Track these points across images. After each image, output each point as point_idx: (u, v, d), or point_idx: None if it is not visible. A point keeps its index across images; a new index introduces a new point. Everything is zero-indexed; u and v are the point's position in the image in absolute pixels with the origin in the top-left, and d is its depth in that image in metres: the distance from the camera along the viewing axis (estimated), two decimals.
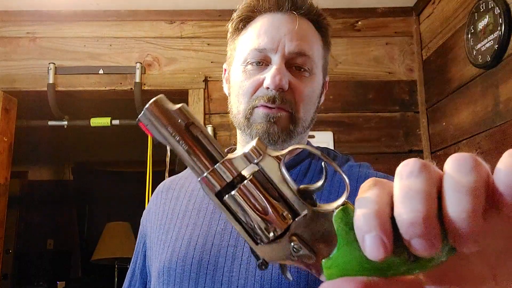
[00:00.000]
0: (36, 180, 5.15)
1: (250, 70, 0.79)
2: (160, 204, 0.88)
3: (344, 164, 0.83)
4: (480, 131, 1.81)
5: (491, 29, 1.69)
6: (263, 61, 0.78)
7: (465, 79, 1.92)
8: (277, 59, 0.76)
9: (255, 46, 0.78)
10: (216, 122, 2.29)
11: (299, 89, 0.77)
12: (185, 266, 0.72)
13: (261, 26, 0.80)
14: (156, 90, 2.38)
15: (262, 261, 0.37)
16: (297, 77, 0.78)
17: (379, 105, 2.34)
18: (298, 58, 0.78)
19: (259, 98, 0.77)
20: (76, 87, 2.36)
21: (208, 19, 2.42)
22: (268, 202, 0.37)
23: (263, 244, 0.37)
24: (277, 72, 0.75)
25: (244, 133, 0.81)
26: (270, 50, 0.77)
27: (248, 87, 0.78)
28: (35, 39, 2.42)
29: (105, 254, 3.98)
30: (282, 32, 0.77)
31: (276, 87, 0.75)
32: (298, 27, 0.78)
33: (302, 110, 0.78)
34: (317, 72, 0.81)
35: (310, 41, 0.80)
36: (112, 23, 2.44)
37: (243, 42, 0.82)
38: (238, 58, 0.82)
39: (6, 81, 2.34)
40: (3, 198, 2.36)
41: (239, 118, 0.81)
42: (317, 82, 0.82)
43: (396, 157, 2.27)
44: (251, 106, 0.78)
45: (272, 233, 0.37)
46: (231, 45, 0.87)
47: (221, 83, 2.41)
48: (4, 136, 2.37)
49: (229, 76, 0.87)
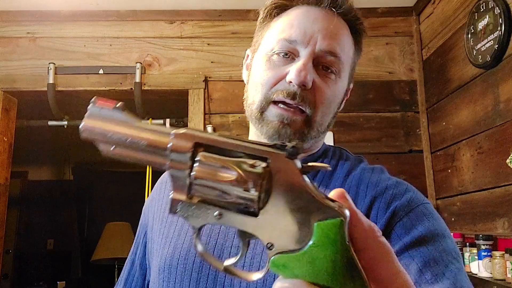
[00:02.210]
0: (36, 180, 5.15)
1: (275, 60, 0.74)
2: (163, 194, 0.85)
3: (357, 166, 0.78)
4: (480, 131, 1.80)
5: (491, 29, 1.69)
6: (290, 54, 0.73)
7: (465, 79, 1.92)
8: (306, 54, 0.72)
9: (285, 36, 0.73)
10: (216, 122, 2.29)
11: (322, 90, 0.73)
12: (187, 264, 0.71)
13: (295, 17, 0.75)
14: (156, 90, 2.38)
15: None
16: (323, 77, 0.73)
17: (379, 105, 2.34)
18: (327, 57, 0.73)
19: (278, 92, 0.72)
20: (76, 87, 2.36)
21: (208, 19, 2.42)
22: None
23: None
24: (303, 67, 0.70)
25: (255, 127, 0.76)
26: (301, 43, 0.72)
27: (270, 78, 0.73)
28: (35, 39, 2.42)
29: (105, 254, 3.98)
30: (316, 28, 0.73)
31: (300, 83, 0.70)
32: (333, 26, 0.74)
33: (320, 113, 0.74)
34: (344, 77, 0.77)
35: (343, 43, 0.75)
36: (112, 23, 2.44)
37: (273, 30, 0.77)
38: (264, 46, 0.77)
39: (6, 81, 2.34)
40: (3, 198, 2.36)
41: (252, 109, 0.76)
42: (342, 87, 0.77)
43: (396, 157, 2.27)
44: (268, 99, 0.73)
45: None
46: (260, 31, 0.81)
47: (221, 83, 2.42)
48: (4, 136, 2.37)
49: (251, 63, 0.82)
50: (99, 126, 0.39)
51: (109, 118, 0.39)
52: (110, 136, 0.39)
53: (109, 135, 0.39)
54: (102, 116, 0.39)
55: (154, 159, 0.39)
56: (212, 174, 0.36)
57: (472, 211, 1.87)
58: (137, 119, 0.40)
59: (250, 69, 0.81)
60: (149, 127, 0.39)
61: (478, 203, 1.83)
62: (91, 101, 0.40)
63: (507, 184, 1.63)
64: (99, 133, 0.39)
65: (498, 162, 1.68)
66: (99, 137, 0.39)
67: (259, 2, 0.87)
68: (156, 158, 0.38)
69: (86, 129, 0.40)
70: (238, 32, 2.40)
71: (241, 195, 0.35)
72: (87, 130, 0.40)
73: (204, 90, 2.33)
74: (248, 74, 0.82)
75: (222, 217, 0.37)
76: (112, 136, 0.39)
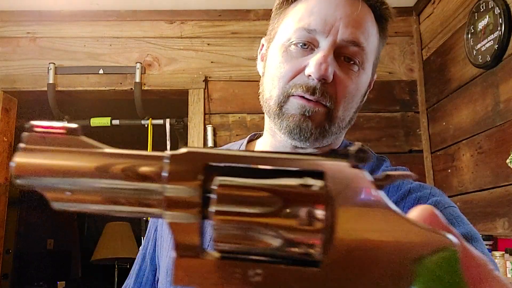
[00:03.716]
0: None
1: (293, 51, 0.68)
2: None
3: (380, 166, 0.73)
4: (480, 131, 1.80)
5: (491, 29, 1.69)
6: (309, 44, 0.67)
7: (465, 79, 1.92)
8: (326, 45, 0.66)
9: (304, 25, 0.67)
10: (216, 122, 2.28)
11: (344, 84, 0.67)
12: None
13: (315, 3, 0.68)
14: (156, 90, 2.38)
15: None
16: (344, 70, 0.67)
17: (379, 105, 2.34)
18: (350, 47, 0.67)
19: (296, 86, 0.66)
20: (76, 87, 2.37)
21: (208, 19, 2.42)
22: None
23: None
24: (323, 60, 0.64)
25: (273, 122, 0.70)
26: (321, 33, 0.66)
27: (287, 71, 0.67)
28: (35, 39, 2.42)
29: (105, 254, 3.98)
30: (338, 15, 0.66)
31: (320, 76, 0.64)
32: (357, 13, 0.67)
33: (342, 108, 0.68)
34: (367, 68, 0.70)
35: (368, 31, 0.69)
36: (112, 23, 2.44)
37: (290, 18, 0.70)
38: (281, 35, 0.71)
39: (6, 81, 2.34)
40: (3, 198, 2.37)
41: (270, 104, 0.70)
42: (365, 79, 0.71)
43: (396, 157, 2.27)
44: (286, 94, 0.67)
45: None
46: (276, 18, 0.75)
47: (221, 83, 2.42)
48: (4, 136, 2.37)
49: (266, 54, 0.75)
50: (45, 162, 0.26)
51: (58, 149, 0.26)
52: (64, 175, 0.26)
53: (63, 175, 0.26)
54: (47, 148, 0.26)
55: (140, 202, 0.25)
56: (242, 213, 0.23)
57: (472, 211, 1.87)
58: (102, 145, 0.27)
59: (265, 60, 0.75)
60: (125, 152, 0.26)
61: (478, 203, 1.83)
62: (26, 127, 0.27)
63: (507, 184, 1.63)
64: (45, 172, 0.26)
65: (498, 162, 1.68)
66: (44, 181, 0.26)
67: (259, 2, 0.86)
68: (144, 199, 0.25)
69: (21, 169, 0.27)
70: (238, 32, 2.39)
71: (293, 237, 0.23)
72: (23, 171, 0.27)
73: (204, 90, 2.33)
74: (264, 66, 0.75)
75: (259, 276, 0.23)
76: (68, 175, 0.25)
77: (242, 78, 2.26)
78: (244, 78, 2.25)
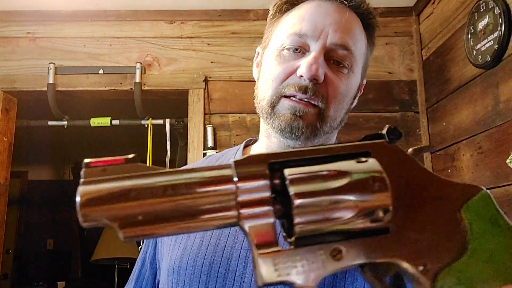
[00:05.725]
0: (36, 180, 5.15)
1: (286, 55, 0.72)
2: None
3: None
4: (480, 131, 1.81)
5: (491, 29, 1.69)
6: (301, 48, 0.72)
7: (465, 79, 1.92)
8: (317, 47, 0.70)
9: (295, 30, 0.72)
10: (216, 122, 2.28)
11: (335, 85, 0.71)
12: (196, 267, 0.69)
13: (306, 11, 0.73)
14: (156, 90, 2.38)
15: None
16: (335, 72, 0.71)
17: (379, 105, 2.34)
18: (339, 51, 0.71)
19: (289, 86, 0.70)
20: (76, 87, 2.37)
21: (208, 19, 2.42)
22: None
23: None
24: (314, 61, 0.68)
25: (266, 122, 0.74)
26: (311, 37, 0.71)
27: (280, 73, 0.72)
28: (35, 39, 2.42)
29: (105, 254, 3.98)
30: (327, 21, 0.71)
31: (311, 76, 0.68)
32: (345, 19, 0.72)
33: (333, 107, 0.72)
34: (356, 71, 0.75)
35: (355, 36, 0.73)
36: (112, 23, 2.44)
37: (283, 26, 0.75)
38: (274, 42, 0.76)
39: (6, 81, 2.34)
40: (3, 198, 2.36)
41: (263, 105, 0.74)
42: (354, 81, 0.75)
43: None
44: (279, 94, 0.71)
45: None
46: (270, 27, 0.80)
47: (221, 83, 2.42)
48: (4, 136, 2.37)
49: (261, 60, 0.80)
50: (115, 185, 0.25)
51: (120, 178, 0.26)
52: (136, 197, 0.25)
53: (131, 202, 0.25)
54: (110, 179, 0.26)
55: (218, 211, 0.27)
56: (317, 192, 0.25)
57: None
58: (160, 167, 0.27)
59: (260, 67, 0.80)
60: (189, 168, 0.27)
61: None
62: (81, 165, 0.27)
63: (507, 184, 1.63)
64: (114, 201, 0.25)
65: (498, 162, 1.68)
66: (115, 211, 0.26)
67: (259, 2, 0.87)
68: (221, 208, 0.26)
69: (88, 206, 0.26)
70: (238, 32, 2.39)
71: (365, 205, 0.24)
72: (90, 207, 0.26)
73: (204, 90, 2.33)
74: (259, 72, 0.80)
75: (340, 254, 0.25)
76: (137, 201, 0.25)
77: (242, 78, 2.26)
78: (244, 78, 2.25)
